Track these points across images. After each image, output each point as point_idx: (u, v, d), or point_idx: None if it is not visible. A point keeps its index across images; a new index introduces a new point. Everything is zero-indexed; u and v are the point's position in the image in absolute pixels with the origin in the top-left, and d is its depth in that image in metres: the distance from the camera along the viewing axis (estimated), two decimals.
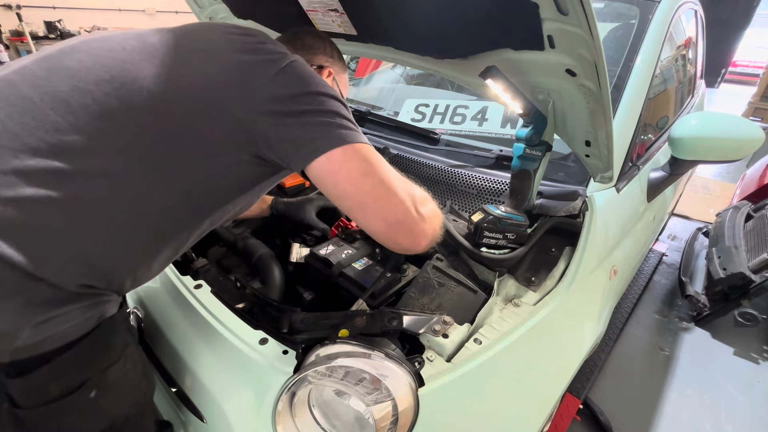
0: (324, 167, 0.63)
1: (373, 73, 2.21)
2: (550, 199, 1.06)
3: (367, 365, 0.71)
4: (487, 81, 0.91)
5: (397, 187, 0.64)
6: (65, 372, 0.63)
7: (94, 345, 0.65)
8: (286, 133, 0.63)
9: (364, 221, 0.65)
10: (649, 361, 2.00)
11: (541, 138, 0.95)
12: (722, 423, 1.70)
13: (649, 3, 1.36)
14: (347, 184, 0.63)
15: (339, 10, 1.00)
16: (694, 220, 3.38)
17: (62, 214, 0.57)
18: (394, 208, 0.63)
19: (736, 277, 1.98)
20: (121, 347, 0.71)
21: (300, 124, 0.63)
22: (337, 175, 0.63)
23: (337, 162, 0.62)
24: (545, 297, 0.93)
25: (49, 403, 0.62)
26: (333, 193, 0.64)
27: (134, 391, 0.77)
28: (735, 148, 1.16)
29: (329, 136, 0.63)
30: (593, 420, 1.62)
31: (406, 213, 0.64)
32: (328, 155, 0.62)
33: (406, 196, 0.64)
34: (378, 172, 0.63)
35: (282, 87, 0.64)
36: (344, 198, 0.64)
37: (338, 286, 0.98)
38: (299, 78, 0.66)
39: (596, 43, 0.65)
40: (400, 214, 0.63)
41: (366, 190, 0.62)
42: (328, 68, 0.90)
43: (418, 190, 0.71)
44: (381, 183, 0.63)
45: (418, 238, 0.66)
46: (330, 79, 0.91)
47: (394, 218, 0.63)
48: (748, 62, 10.53)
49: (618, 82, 1.21)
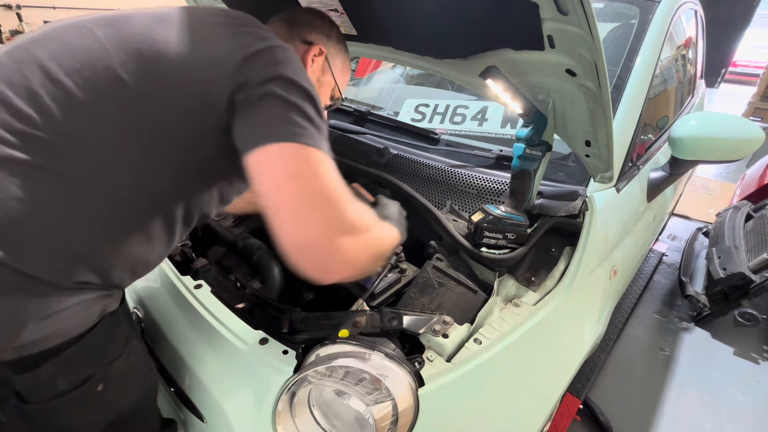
0: (257, 159, 0.57)
1: (373, 73, 2.21)
2: (550, 199, 1.06)
3: (367, 365, 0.71)
4: (487, 81, 0.91)
5: (323, 208, 0.55)
6: (71, 367, 0.63)
7: (98, 339, 0.65)
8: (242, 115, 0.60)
9: (274, 230, 0.55)
10: (649, 361, 2.00)
11: (541, 138, 0.95)
12: (722, 423, 1.70)
13: (649, 3, 1.36)
14: (270, 183, 0.56)
15: (339, 10, 1.00)
16: (694, 220, 3.38)
17: (43, 212, 0.56)
18: (307, 228, 0.54)
19: (736, 277, 1.98)
20: (124, 341, 0.72)
21: (254, 108, 0.59)
22: (265, 171, 0.57)
23: (270, 157, 0.56)
24: (545, 297, 0.93)
25: (56, 398, 0.63)
26: (256, 189, 0.57)
27: (140, 384, 0.78)
28: (735, 148, 1.16)
29: (276, 128, 0.57)
30: (593, 420, 1.62)
31: (319, 238, 0.55)
32: (265, 148, 0.56)
33: (330, 220, 0.56)
34: (309, 182, 0.56)
35: (256, 69, 0.61)
36: (263, 196, 0.56)
37: (338, 286, 0.98)
38: (275, 62, 0.62)
39: (596, 43, 0.65)
40: (311, 237, 0.55)
41: (285, 196, 0.55)
42: (319, 46, 0.83)
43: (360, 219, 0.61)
44: (306, 194, 0.55)
45: (325, 271, 0.56)
46: (321, 58, 0.84)
47: (302, 239, 0.55)
48: (748, 62, 10.53)
49: (618, 82, 1.21)
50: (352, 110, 1.57)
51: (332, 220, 0.56)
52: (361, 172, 1.23)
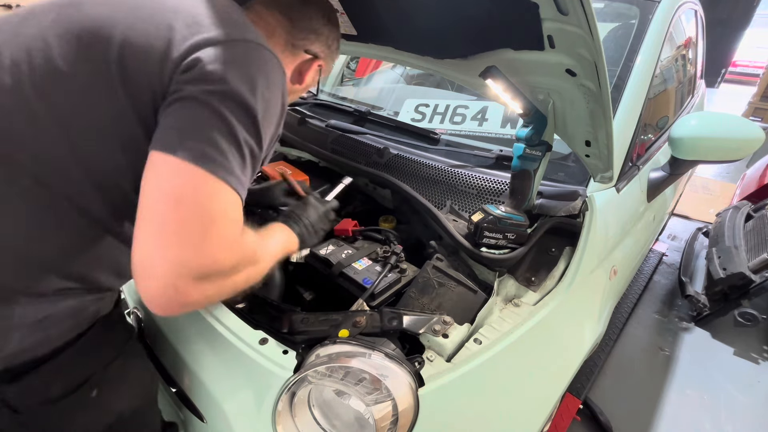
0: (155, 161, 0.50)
1: (373, 73, 2.21)
2: (550, 199, 1.06)
3: (367, 365, 0.71)
4: (487, 81, 0.91)
5: (187, 248, 0.48)
6: (65, 372, 0.62)
7: (91, 344, 0.64)
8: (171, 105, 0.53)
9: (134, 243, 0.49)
10: (649, 361, 2.00)
11: (541, 138, 0.95)
12: (722, 423, 1.70)
13: (649, 3, 1.36)
14: (152, 191, 0.50)
15: (339, 10, 1.00)
16: (694, 220, 3.38)
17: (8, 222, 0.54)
18: (159, 257, 0.47)
19: (736, 277, 1.98)
20: (120, 344, 0.71)
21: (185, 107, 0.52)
22: (154, 177, 0.50)
23: (167, 168, 0.49)
24: (545, 297, 0.93)
25: (50, 404, 0.62)
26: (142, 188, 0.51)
27: (138, 386, 0.77)
28: (735, 148, 1.16)
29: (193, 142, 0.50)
30: (593, 420, 1.62)
31: (165, 275, 0.47)
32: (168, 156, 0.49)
33: (188, 264, 0.48)
34: (188, 214, 0.48)
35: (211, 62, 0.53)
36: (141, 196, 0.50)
37: (338, 286, 0.98)
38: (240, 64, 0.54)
39: (596, 43, 0.65)
40: (166, 272, 0.47)
41: (157, 213, 0.49)
42: (320, 62, 0.78)
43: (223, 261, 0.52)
44: (178, 225, 0.48)
45: (155, 305, 0.49)
46: (314, 73, 0.79)
47: (149, 264, 0.48)
48: (748, 62, 10.54)
49: (618, 82, 1.21)
50: (352, 110, 1.57)
51: (191, 264, 0.48)
52: (361, 172, 1.23)
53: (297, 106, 1.71)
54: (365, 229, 1.14)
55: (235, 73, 0.53)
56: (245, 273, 0.59)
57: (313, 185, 1.32)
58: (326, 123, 1.52)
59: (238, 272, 0.56)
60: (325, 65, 0.82)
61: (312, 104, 1.72)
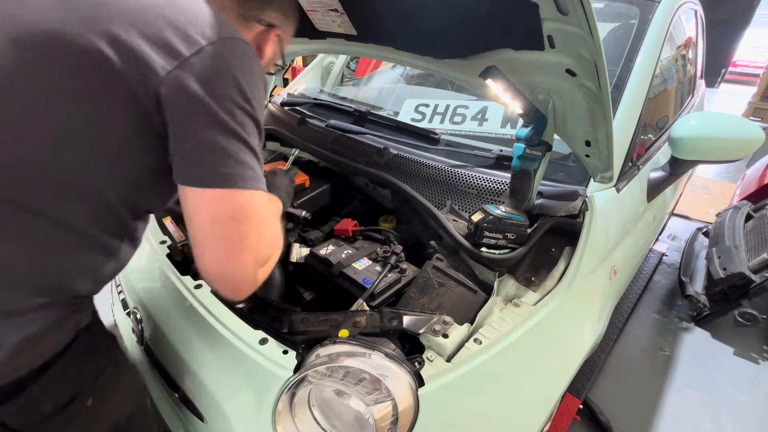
0: (190, 196, 0.56)
1: (373, 73, 2.21)
2: (550, 199, 1.06)
3: (367, 365, 0.71)
4: (487, 81, 0.91)
5: (250, 248, 0.58)
6: (54, 387, 0.61)
7: (77, 356, 0.63)
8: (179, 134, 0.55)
9: (198, 257, 0.58)
10: (649, 361, 2.00)
11: (541, 138, 0.95)
12: (722, 423, 1.70)
13: (649, 3, 1.36)
14: (200, 221, 0.57)
15: (339, 10, 1.00)
16: (694, 220, 3.38)
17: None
18: (229, 264, 0.58)
19: (736, 277, 1.98)
20: (105, 352, 0.71)
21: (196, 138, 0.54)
22: (197, 210, 0.57)
23: (204, 200, 0.56)
24: (545, 297, 0.93)
25: (45, 420, 0.61)
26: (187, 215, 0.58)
27: (132, 392, 0.77)
28: (735, 148, 1.16)
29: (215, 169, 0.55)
30: (593, 420, 1.62)
31: (242, 274, 0.59)
32: (200, 190, 0.55)
33: (252, 259, 0.59)
34: (239, 227, 0.57)
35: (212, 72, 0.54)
36: (193, 228, 0.57)
37: (338, 286, 0.98)
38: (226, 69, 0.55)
39: (596, 43, 0.65)
40: (236, 273, 0.58)
41: (214, 236, 0.57)
42: (276, 30, 0.75)
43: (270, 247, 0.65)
44: (235, 238, 0.57)
45: (239, 293, 0.61)
46: (274, 44, 0.76)
47: (227, 272, 0.58)
48: (748, 62, 10.54)
49: (618, 82, 1.21)
50: (352, 110, 1.57)
51: (254, 258, 0.59)
52: (361, 172, 1.23)
53: (297, 106, 1.71)
54: (365, 229, 1.14)
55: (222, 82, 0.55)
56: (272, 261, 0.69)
57: (313, 185, 1.32)
58: (326, 123, 1.52)
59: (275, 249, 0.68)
60: (284, 34, 0.78)
61: (312, 104, 1.72)
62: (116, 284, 1.25)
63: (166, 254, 1.07)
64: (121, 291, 1.18)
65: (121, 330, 1.17)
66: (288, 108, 1.70)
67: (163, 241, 1.12)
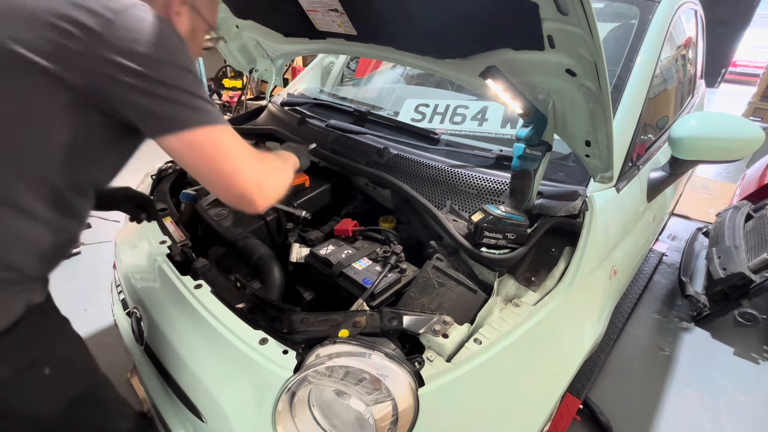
0: (174, 145, 0.64)
1: (373, 73, 2.22)
2: (550, 199, 1.06)
3: (367, 365, 0.71)
4: (487, 81, 0.91)
5: (244, 168, 0.68)
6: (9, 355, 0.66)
7: (31, 327, 0.68)
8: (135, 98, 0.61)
9: (212, 191, 0.71)
10: (649, 361, 2.00)
11: (541, 138, 0.95)
12: (722, 423, 1.70)
13: (649, 3, 1.36)
14: (197, 163, 0.66)
15: (339, 10, 1.00)
16: (694, 220, 3.38)
17: None
18: (238, 186, 0.68)
19: (736, 277, 1.98)
20: (59, 326, 0.76)
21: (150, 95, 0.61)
22: (186, 155, 0.65)
23: (187, 143, 0.64)
24: (545, 297, 0.93)
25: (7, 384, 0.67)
26: (184, 166, 0.68)
27: (88, 365, 0.83)
28: (735, 148, 1.16)
29: (181, 116, 0.63)
30: (593, 420, 1.62)
31: (250, 190, 0.69)
32: (178, 135, 0.63)
33: (251, 176, 0.69)
34: (224, 155, 0.66)
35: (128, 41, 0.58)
36: (194, 173, 0.68)
37: (338, 286, 0.98)
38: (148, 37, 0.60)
39: (596, 43, 0.65)
40: (244, 191, 0.69)
41: (212, 170, 0.67)
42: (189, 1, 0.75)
43: (267, 164, 0.76)
44: (227, 165, 0.67)
45: (258, 207, 0.72)
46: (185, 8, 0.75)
47: (238, 193, 0.69)
48: (748, 62, 10.54)
49: (618, 82, 1.21)
50: (352, 110, 1.57)
51: (253, 175, 0.69)
52: (361, 172, 1.23)
53: (297, 106, 1.71)
54: (365, 229, 1.14)
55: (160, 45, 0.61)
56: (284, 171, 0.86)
57: (313, 185, 1.32)
58: (326, 123, 1.52)
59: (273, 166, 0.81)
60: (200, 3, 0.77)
61: (312, 104, 1.72)
62: (116, 284, 1.25)
63: (166, 254, 1.07)
64: (121, 291, 1.18)
65: (121, 330, 1.17)
66: (288, 108, 1.71)
67: (163, 241, 1.12)
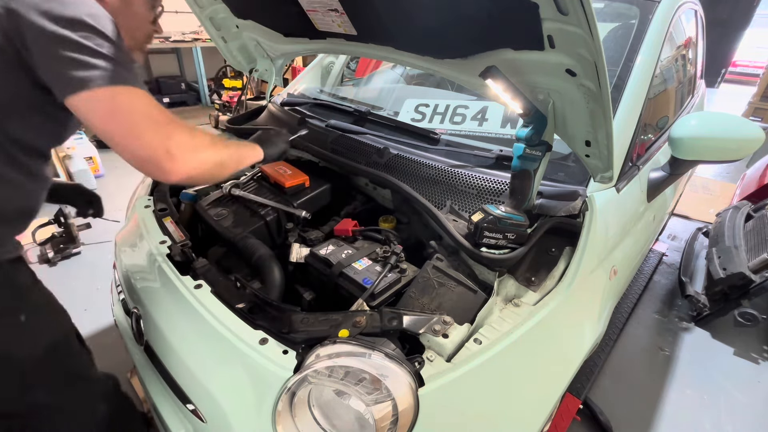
0: (78, 104, 0.66)
1: (373, 73, 2.22)
2: (550, 199, 1.06)
3: (367, 365, 0.71)
4: (487, 81, 0.91)
5: (148, 129, 0.68)
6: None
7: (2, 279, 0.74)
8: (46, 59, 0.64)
9: (116, 151, 0.69)
10: (649, 361, 2.00)
11: (541, 138, 0.95)
12: (722, 423, 1.70)
13: (649, 3, 1.36)
14: (98, 122, 0.67)
15: (339, 10, 1.00)
16: (694, 220, 3.38)
17: None
18: (141, 148, 0.68)
19: (736, 277, 1.98)
20: (32, 279, 0.83)
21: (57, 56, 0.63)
22: (89, 114, 0.67)
23: (89, 101, 0.65)
24: (545, 297, 0.93)
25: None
26: (90, 127, 0.68)
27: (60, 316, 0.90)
28: (735, 148, 1.16)
29: (84, 76, 0.64)
30: (593, 420, 1.62)
31: (155, 155, 0.68)
32: (80, 95, 0.65)
33: (157, 139, 0.68)
34: (126, 114, 0.67)
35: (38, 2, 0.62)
36: (97, 131, 0.68)
37: (338, 286, 0.98)
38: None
39: (596, 43, 0.65)
40: (147, 153, 0.68)
41: (114, 129, 0.67)
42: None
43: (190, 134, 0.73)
44: (128, 123, 0.67)
45: (168, 174, 0.70)
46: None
47: (142, 156, 0.68)
48: (748, 62, 10.54)
49: (618, 82, 1.21)
50: (352, 110, 1.57)
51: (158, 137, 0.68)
52: (361, 172, 1.23)
53: (297, 106, 1.71)
54: (365, 229, 1.14)
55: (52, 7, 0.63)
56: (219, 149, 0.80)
57: (313, 185, 1.32)
58: (326, 123, 1.52)
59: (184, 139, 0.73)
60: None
61: (312, 104, 1.72)
62: (116, 284, 1.25)
63: (166, 254, 1.07)
64: (121, 291, 1.18)
65: (121, 330, 1.17)
66: (288, 108, 1.70)
67: (163, 241, 1.12)
